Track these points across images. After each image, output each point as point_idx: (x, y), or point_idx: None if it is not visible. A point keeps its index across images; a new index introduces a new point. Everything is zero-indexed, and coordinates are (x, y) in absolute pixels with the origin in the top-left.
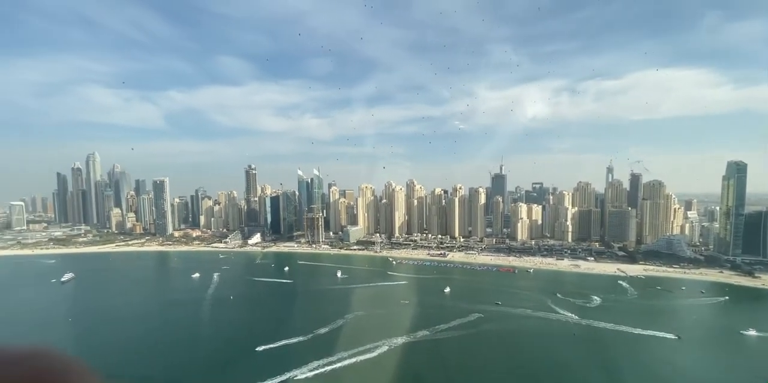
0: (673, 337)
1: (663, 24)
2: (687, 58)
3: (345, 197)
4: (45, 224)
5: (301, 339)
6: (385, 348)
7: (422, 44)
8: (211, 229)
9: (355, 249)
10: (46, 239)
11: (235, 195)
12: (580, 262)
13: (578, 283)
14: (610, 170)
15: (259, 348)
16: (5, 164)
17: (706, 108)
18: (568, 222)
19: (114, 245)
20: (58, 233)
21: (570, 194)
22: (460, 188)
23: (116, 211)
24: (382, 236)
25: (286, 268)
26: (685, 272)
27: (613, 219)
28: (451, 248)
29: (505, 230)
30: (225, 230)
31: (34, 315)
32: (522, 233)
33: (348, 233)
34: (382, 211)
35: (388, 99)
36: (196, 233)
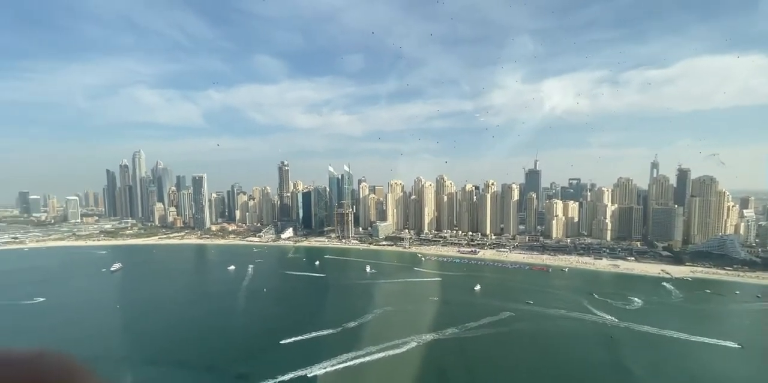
0: (735, 345)
1: (716, 6)
2: (744, 43)
3: (374, 193)
4: (96, 218)
5: (330, 331)
6: (413, 345)
7: (453, 37)
8: (246, 223)
9: (384, 245)
10: (98, 232)
11: (269, 191)
12: (620, 262)
13: (617, 284)
14: (654, 165)
15: (291, 340)
16: (62, 162)
17: (766, 97)
18: (607, 220)
19: (157, 237)
20: (107, 226)
21: (609, 190)
22: (492, 184)
23: (159, 205)
24: (411, 232)
25: (317, 262)
26: (739, 275)
27: (658, 217)
28: (482, 246)
29: (539, 227)
30: (259, 224)
31: (87, 302)
32: (557, 230)
33: (377, 229)
34: (411, 207)
35: (419, 94)
36: (231, 227)
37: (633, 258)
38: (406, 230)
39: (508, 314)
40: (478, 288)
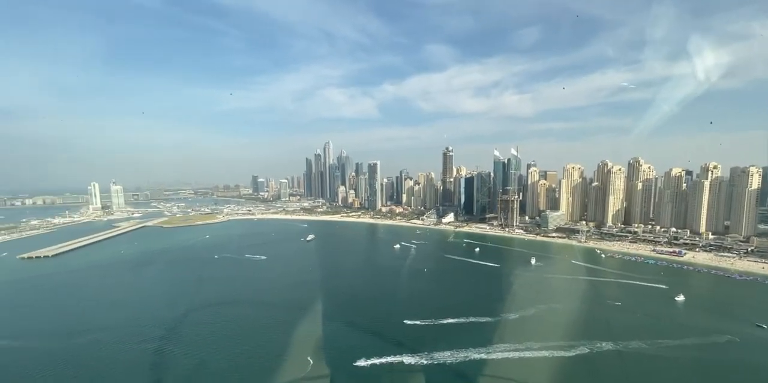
0: None
1: None
2: None
3: (546, 179)
4: (298, 197)
5: (488, 319)
6: (584, 350)
7: None
8: (410, 206)
9: (553, 236)
10: (299, 208)
11: (433, 176)
12: None
13: None
14: None
15: (449, 320)
16: (277, 152)
17: None
18: None
19: (340, 215)
20: (305, 204)
21: None
22: (715, 168)
23: (341, 188)
24: (590, 224)
25: (477, 249)
26: None
27: None
28: (691, 247)
29: None
30: (422, 208)
31: (292, 263)
32: None
33: (546, 219)
34: (591, 195)
35: (608, 62)
36: (398, 209)
37: None
38: (583, 222)
39: (727, 337)
40: (681, 298)
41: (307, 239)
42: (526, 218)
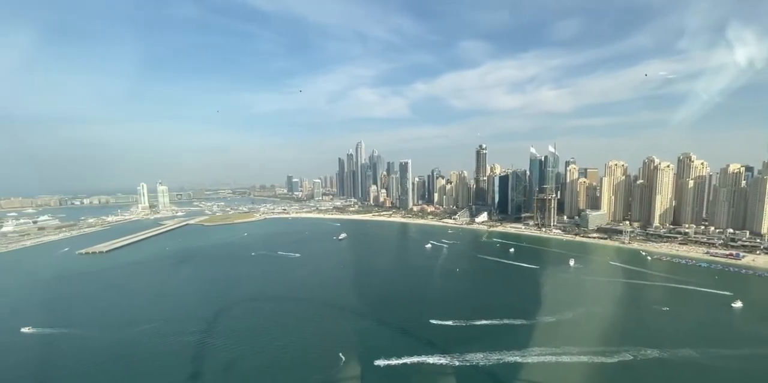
0: None
1: None
2: None
3: (586, 177)
4: (331, 196)
5: (523, 322)
6: (627, 357)
7: None
8: (442, 206)
9: (594, 237)
10: (331, 207)
11: (466, 175)
12: None
13: None
14: None
15: (482, 322)
16: (311, 152)
17: None
18: None
19: (371, 214)
20: (338, 203)
21: None
22: None
23: (373, 188)
24: (634, 224)
25: (512, 249)
26: None
27: None
28: (751, 249)
29: None
30: (454, 207)
31: (324, 261)
32: None
33: (586, 218)
34: (636, 194)
35: (654, 52)
36: (430, 208)
37: None
38: (627, 222)
39: None
40: (738, 305)
41: (340, 237)
42: (564, 217)
